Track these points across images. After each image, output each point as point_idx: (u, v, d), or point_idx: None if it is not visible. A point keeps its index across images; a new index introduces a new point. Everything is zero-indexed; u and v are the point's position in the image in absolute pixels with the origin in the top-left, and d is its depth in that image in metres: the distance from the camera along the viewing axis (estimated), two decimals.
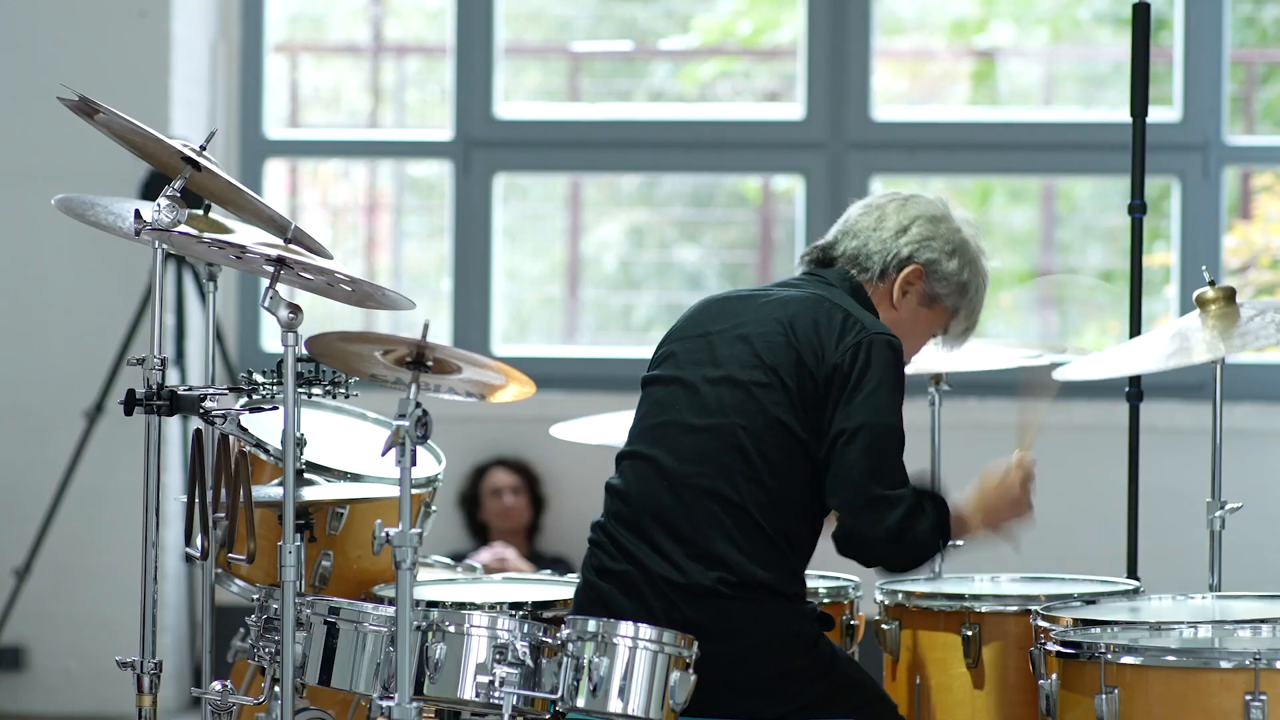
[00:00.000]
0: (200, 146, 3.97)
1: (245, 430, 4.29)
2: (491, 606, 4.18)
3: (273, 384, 4.14)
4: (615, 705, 3.75)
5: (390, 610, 3.80)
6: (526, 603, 4.24)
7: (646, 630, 3.77)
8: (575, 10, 8.36)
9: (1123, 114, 5.13)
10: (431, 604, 4.08)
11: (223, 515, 4.00)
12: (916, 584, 4.50)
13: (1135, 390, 5.00)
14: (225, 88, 7.79)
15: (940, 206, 4.22)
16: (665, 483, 4.00)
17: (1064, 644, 3.79)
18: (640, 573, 3.96)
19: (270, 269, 3.71)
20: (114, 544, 7.45)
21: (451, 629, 3.76)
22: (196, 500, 4.01)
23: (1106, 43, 8.25)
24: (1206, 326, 4.46)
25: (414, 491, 4.04)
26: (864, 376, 3.96)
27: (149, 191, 6.87)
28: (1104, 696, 3.67)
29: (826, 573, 4.58)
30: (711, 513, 3.96)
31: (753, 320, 4.05)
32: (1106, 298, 4.47)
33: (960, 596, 4.35)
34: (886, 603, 4.46)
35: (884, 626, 4.45)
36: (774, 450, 3.96)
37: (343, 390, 4.14)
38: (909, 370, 4.12)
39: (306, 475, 4.29)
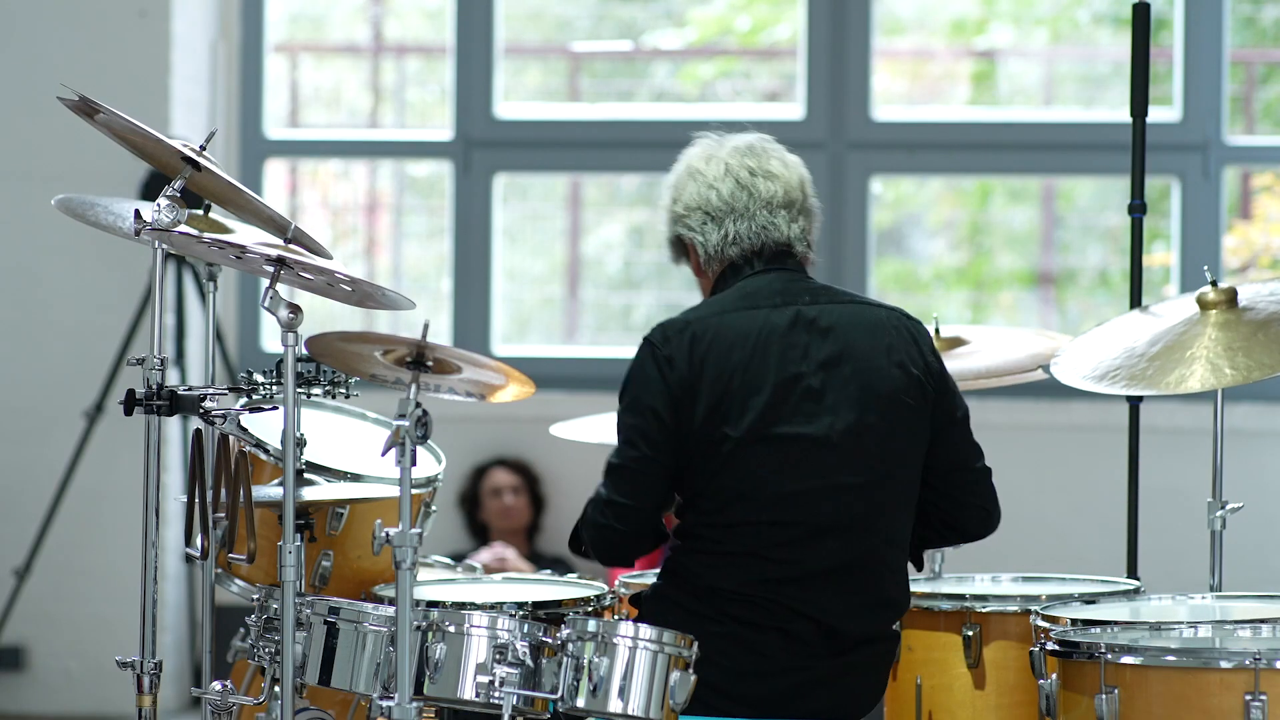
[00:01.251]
0: (200, 146, 3.97)
1: (245, 430, 4.29)
2: (491, 606, 4.18)
3: (273, 384, 4.14)
4: (615, 705, 3.75)
5: (390, 610, 3.80)
6: (527, 603, 4.24)
7: (646, 630, 3.77)
8: (575, 10, 8.36)
9: (1123, 114, 5.13)
10: (431, 604, 4.08)
11: (223, 515, 4.00)
12: (917, 584, 4.49)
13: None
14: (225, 88, 7.79)
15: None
16: (840, 543, 3.98)
17: (1064, 644, 3.79)
18: (811, 625, 3.97)
19: (270, 269, 3.71)
20: (114, 544, 7.45)
21: (451, 629, 3.76)
22: (196, 500, 4.01)
23: (1106, 43, 8.25)
24: (1208, 340, 4.47)
25: (414, 491, 4.04)
26: (943, 366, 4.12)
27: (149, 191, 6.87)
28: (1104, 696, 3.67)
29: None
30: (887, 562, 4.04)
31: (843, 354, 3.99)
32: None
33: (961, 596, 4.35)
34: None
35: None
36: (917, 476, 4.07)
37: (343, 390, 4.14)
38: None
39: (306, 475, 4.28)
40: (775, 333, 3.97)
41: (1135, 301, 4.99)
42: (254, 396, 4.19)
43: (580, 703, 3.75)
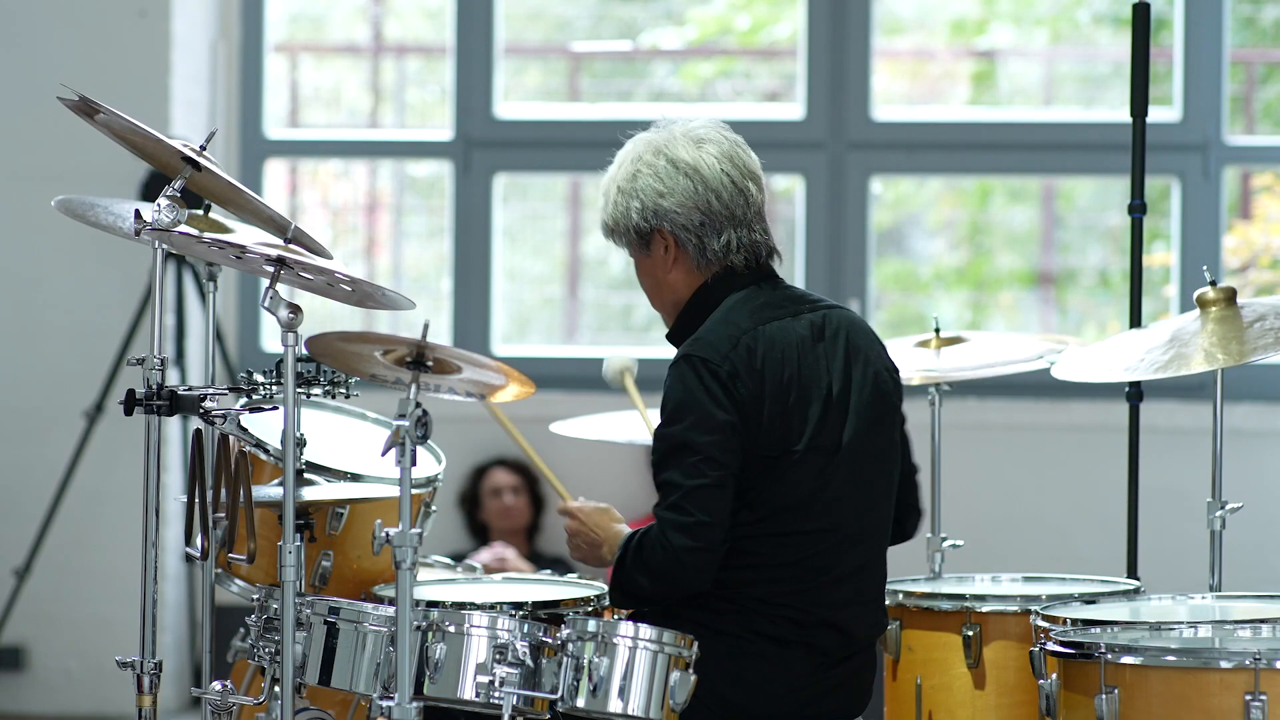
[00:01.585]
0: (200, 146, 3.97)
1: (245, 430, 4.29)
2: (491, 606, 4.18)
3: (273, 384, 4.14)
4: (615, 705, 3.75)
5: (390, 610, 3.80)
6: (527, 603, 4.24)
7: (646, 630, 3.77)
8: (575, 10, 8.36)
9: (1123, 114, 5.13)
10: (431, 604, 4.08)
11: (223, 515, 4.00)
12: (917, 584, 4.50)
13: (1135, 390, 5.00)
14: (225, 88, 7.79)
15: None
16: (861, 546, 4.00)
17: (1064, 644, 3.79)
18: (834, 633, 3.98)
19: (270, 269, 3.71)
20: (114, 544, 7.45)
21: (451, 629, 3.76)
22: (196, 500, 4.01)
23: (1106, 43, 8.25)
24: (1205, 332, 4.47)
25: (414, 491, 4.04)
26: None
27: (149, 191, 6.87)
28: (1104, 696, 3.67)
29: None
30: (883, 564, 4.09)
31: (854, 359, 4.01)
32: None
33: (961, 596, 4.36)
34: (887, 603, 4.46)
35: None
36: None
37: (343, 390, 4.14)
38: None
39: (306, 475, 4.28)
40: (805, 343, 3.97)
41: (1135, 301, 4.99)
42: (254, 396, 4.19)
43: (580, 703, 3.75)
